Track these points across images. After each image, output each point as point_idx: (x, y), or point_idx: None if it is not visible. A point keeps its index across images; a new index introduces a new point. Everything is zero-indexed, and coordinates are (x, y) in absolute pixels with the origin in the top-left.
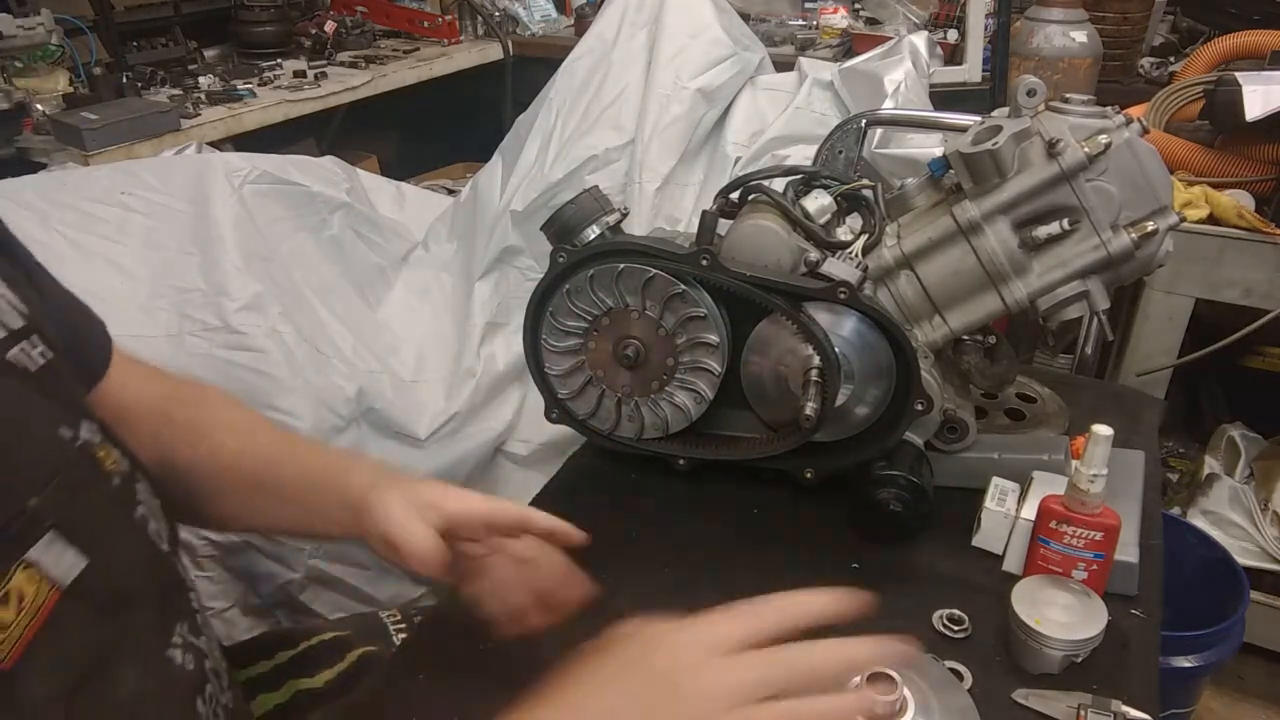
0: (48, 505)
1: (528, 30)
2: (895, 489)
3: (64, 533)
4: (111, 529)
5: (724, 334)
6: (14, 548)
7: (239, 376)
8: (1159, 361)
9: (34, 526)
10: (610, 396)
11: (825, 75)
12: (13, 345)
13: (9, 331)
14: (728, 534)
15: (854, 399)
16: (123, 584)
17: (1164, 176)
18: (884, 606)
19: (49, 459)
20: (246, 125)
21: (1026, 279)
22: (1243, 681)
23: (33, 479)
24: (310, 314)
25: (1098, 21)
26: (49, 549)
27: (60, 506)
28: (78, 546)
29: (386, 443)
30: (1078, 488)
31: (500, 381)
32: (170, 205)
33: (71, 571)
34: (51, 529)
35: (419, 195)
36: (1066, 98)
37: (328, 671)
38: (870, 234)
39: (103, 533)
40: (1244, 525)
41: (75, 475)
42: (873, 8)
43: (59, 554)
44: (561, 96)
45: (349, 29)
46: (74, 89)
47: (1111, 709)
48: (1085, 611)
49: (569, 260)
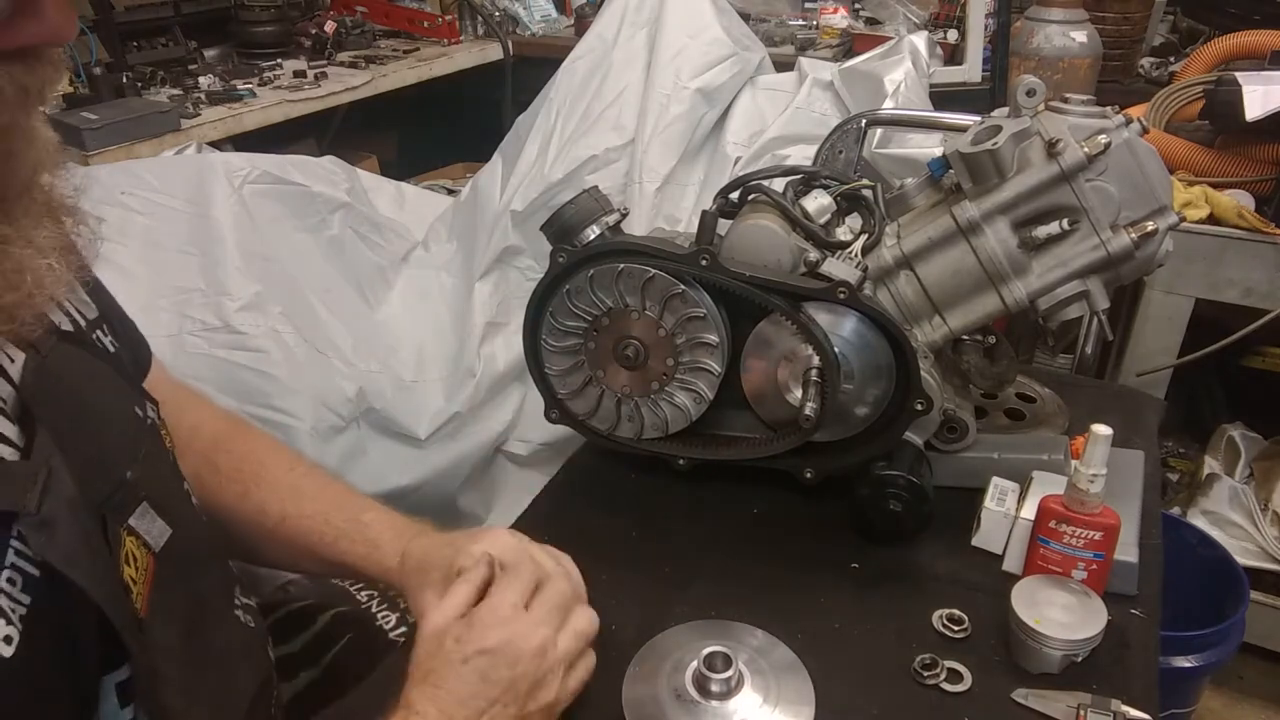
0: (139, 476)
1: (528, 30)
2: (895, 489)
3: (152, 503)
4: (178, 500)
5: (724, 334)
6: (121, 515)
7: (239, 376)
8: (1159, 361)
9: (132, 496)
10: (610, 396)
11: (825, 75)
12: (94, 330)
13: (88, 320)
14: (728, 534)
15: (854, 399)
16: (195, 550)
17: (1164, 176)
18: (884, 606)
19: (135, 433)
20: (246, 125)
21: (1026, 279)
22: (1243, 681)
23: (127, 452)
24: (310, 314)
25: (1098, 21)
26: (143, 517)
27: (147, 479)
28: (164, 516)
29: (386, 443)
30: (1077, 488)
31: (500, 381)
32: (170, 205)
33: (162, 538)
34: (144, 499)
35: (419, 195)
36: (1066, 98)
37: (303, 635)
38: (870, 234)
39: (175, 504)
40: (1244, 525)
41: (152, 449)
42: (873, 8)
43: (151, 522)
44: (561, 96)
45: (349, 29)
46: (74, 89)
47: (1111, 709)
48: (1085, 611)
49: (569, 260)
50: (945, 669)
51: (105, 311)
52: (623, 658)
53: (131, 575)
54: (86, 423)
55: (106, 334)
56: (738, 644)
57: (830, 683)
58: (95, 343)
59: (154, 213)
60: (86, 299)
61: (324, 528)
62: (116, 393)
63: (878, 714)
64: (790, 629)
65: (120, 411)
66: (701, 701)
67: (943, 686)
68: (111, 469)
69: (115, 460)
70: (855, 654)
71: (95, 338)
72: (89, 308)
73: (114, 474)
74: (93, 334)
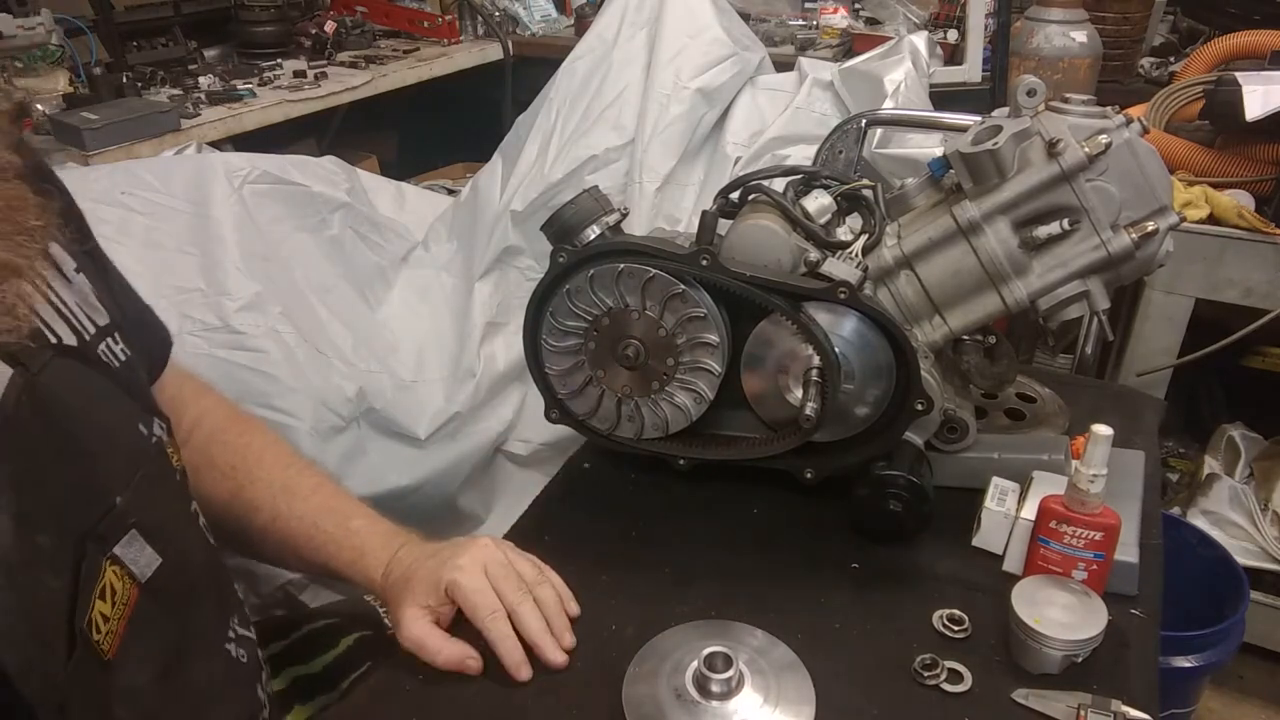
0: (130, 503)
1: (528, 30)
2: (895, 489)
3: (143, 531)
4: (179, 525)
5: (724, 334)
6: (104, 545)
7: (239, 376)
8: (1159, 361)
9: (119, 524)
10: (610, 396)
11: (825, 75)
12: (101, 341)
13: (98, 328)
14: (728, 534)
15: (854, 399)
16: (188, 580)
17: (1164, 176)
18: (884, 606)
19: (133, 455)
20: (246, 125)
21: (1026, 279)
22: (1243, 681)
23: (120, 476)
24: (310, 314)
25: (1098, 21)
26: (130, 546)
27: (140, 504)
28: (154, 545)
29: (386, 443)
30: (1078, 488)
31: (500, 381)
32: (170, 205)
33: (149, 568)
34: (133, 527)
35: (419, 195)
36: (1066, 98)
37: (324, 657)
38: (870, 234)
39: (172, 529)
40: (1244, 525)
41: (152, 471)
42: (873, 8)
43: (139, 551)
44: (561, 96)
45: (349, 29)
46: (74, 89)
47: (1111, 709)
48: (1085, 611)
49: (569, 260)
50: (945, 669)
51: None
52: (623, 658)
53: (104, 612)
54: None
55: (117, 341)
56: (738, 644)
57: (830, 683)
58: (100, 356)
59: (154, 213)
60: (97, 304)
61: (312, 531)
62: (117, 411)
63: (878, 714)
64: (790, 629)
65: (118, 432)
66: (701, 701)
67: (943, 686)
68: (100, 495)
69: (105, 486)
70: (855, 654)
71: (102, 350)
72: (99, 313)
73: (102, 501)
74: (99, 346)
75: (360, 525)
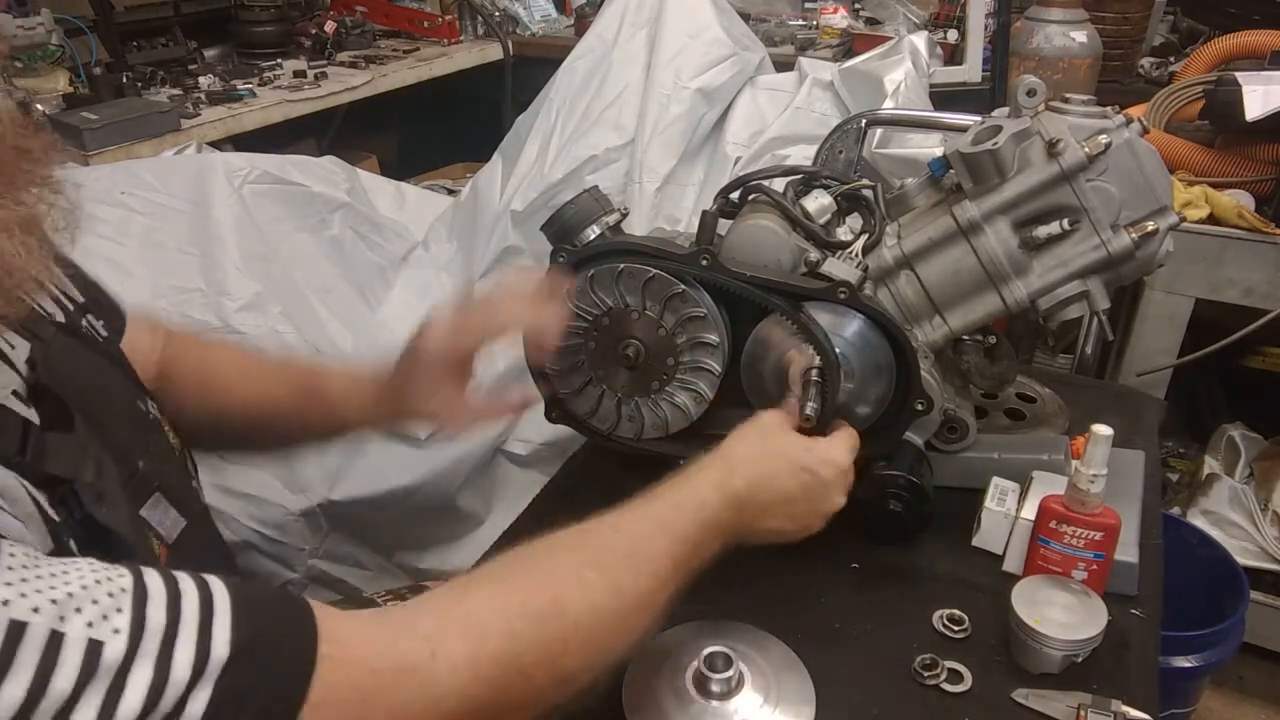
0: (149, 468)
1: (528, 30)
2: (895, 489)
3: (165, 494)
4: (188, 496)
5: (724, 334)
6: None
7: None
8: (1159, 361)
9: (145, 486)
10: (610, 396)
11: (825, 75)
12: (82, 317)
13: (75, 305)
14: None
15: (854, 399)
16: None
17: (1164, 176)
18: (884, 606)
19: (140, 426)
20: (246, 125)
21: (1026, 279)
22: (1243, 681)
23: (137, 442)
24: (310, 314)
25: (1098, 21)
26: (155, 508)
27: (157, 470)
28: (177, 508)
29: (386, 443)
30: (1078, 488)
31: (500, 381)
32: (170, 205)
33: (175, 530)
34: (157, 489)
35: (419, 195)
36: (1066, 98)
37: None
38: (870, 234)
39: (185, 498)
40: (1244, 525)
41: (158, 444)
42: (873, 8)
43: (164, 513)
44: (561, 96)
45: (349, 29)
46: (74, 89)
47: (1111, 709)
48: (1085, 611)
49: (569, 260)
50: (945, 669)
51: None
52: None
53: None
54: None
55: (97, 319)
56: (738, 644)
57: (830, 683)
58: (86, 331)
59: (154, 213)
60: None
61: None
62: (118, 385)
63: (878, 714)
64: (790, 629)
65: (125, 403)
66: (701, 701)
67: (943, 686)
68: (124, 458)
69: (127, 449)
70: (855, 654)
71: (85, 325)
72: (72, 290)
73: (127, 463)
74: (81, 321)
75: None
